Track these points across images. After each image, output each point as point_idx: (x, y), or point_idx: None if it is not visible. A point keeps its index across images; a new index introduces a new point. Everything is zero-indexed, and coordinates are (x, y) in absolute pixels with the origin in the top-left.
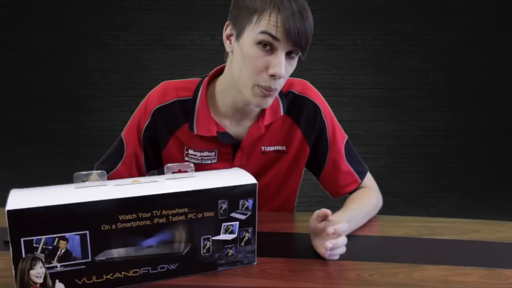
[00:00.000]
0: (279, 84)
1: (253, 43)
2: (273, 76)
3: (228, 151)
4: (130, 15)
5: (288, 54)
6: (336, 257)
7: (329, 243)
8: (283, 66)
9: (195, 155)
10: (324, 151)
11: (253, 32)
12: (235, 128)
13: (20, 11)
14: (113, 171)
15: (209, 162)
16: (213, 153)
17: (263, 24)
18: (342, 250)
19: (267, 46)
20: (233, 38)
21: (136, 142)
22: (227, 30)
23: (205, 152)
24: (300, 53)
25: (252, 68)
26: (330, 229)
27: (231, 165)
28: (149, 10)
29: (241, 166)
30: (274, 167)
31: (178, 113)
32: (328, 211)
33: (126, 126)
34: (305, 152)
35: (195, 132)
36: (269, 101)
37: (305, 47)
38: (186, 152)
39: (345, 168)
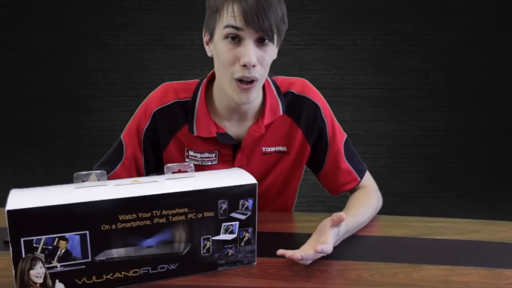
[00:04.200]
0: (257, 73)
1: (221, 39)
2: (244, 66)
3: (228, 152)
4: (130, 15)
5: (260, 42)
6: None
7: (299, 254)
8: (251, 54)
9: (196, 157)
10: (324, 149)
11: (219, 29)
12: (235, 129)
13: (20, 11)
14: (112, 172)
15: (209, 163)
16: (214, 155)
17: (225, 18)
18: (305, 263)
19: (235, 38)
20: (209, 42)
21: (135, 144)
22: (205, 36)
23: (205, 154)
24: (271, 40)
25: (225, 62)
26: (318, 248)
27: (231, 167)
28: (149, 10)
29: (242, 167)
30: (275, 168)
31: (178, 115)
32: (342, 216)
33: (126, 128)
34: (306, 152)
35: (195, 133)
36: (251, 96)
37: (271, 30)
38: (187, 153)
39: (345, 166)
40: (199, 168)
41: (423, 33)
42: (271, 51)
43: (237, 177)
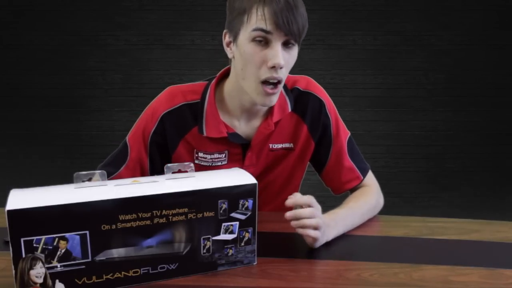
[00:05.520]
0: (283, 74)
1: (248, 41)
2: (273, 67)
3: (238, 151)
4: (130, 15)
5: (285, 45)
6: (315, 243)
7: (288, 212)
8: (280, 56)
9: (206, 158)
10: (327, 146)
11: (246, 31)
12: (245, 128)
13: (20, 11)
14: (116, 174)
15: (219, 163)
16: (223, 155)
17: (253, 21)
18: (313, 222)
19: (262, 41)
20: (231, 44)
21: (141, 147)
22: (226, 38)
23: (215, 154)
24: (296, 43)
25: (252, 64)
26: (288, 201)
27: (241, 166)
28: (149, 10)
29: (251, 165)
30: (280, 164)
31: (187, 117)
32: (291, 201)
33: (131, 130)
34: (310, 148)
35: (205, 134)
36: (274, 99)
37: (298, 34)
38: (196, 155)
39: (348, 164)
40: (209, 169)
41: (423, 33)
42: (295, 54)
43: (237, 177)
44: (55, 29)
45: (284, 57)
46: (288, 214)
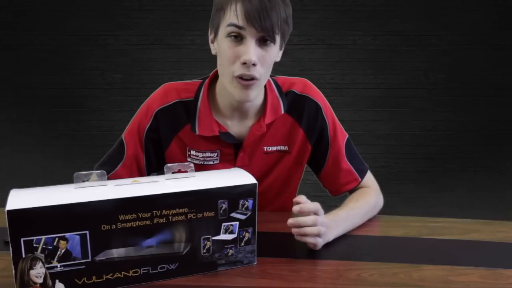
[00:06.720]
0: (257, 72)
1: (224, 37)
2: (244, 63)
3: (230, 151)
4: (130, 15)
5: (262, 42)
6: (311, 240)
7: (290, 219)
8: (251, 53)
9: (198, 156)
10: (325, 149)
11: (223, 27)
12: (237, 128)
13: (20, 11)
14: (113, 172)
15: (211, 163)
16: (215, 154)
17: (228, 16)
18: (314, 230)
19: (238, 37)
20: (214, 40)
21: (137, 144)
22: (210, 35)
23: (207, 153)
24: (273, 41)
25: (226, 60)
26: (295, 207)
27: (233, 166)
28: (149, 10)
29: (243, 166)
30: (277, 167)
31: (180, 114)
32: (299, 200)
33: (127, 128)
34: (307, 151)
35: (197, 132)
36: (252, 93)
37: (272, 30)
38: (189, 153)
39: (346, 166)
40: (201, 167)
41: (423, 33)
42: (273, 52)
43: (237, 177)
44: (55, 29)
45: (259, 54)
46: (290, 221)
